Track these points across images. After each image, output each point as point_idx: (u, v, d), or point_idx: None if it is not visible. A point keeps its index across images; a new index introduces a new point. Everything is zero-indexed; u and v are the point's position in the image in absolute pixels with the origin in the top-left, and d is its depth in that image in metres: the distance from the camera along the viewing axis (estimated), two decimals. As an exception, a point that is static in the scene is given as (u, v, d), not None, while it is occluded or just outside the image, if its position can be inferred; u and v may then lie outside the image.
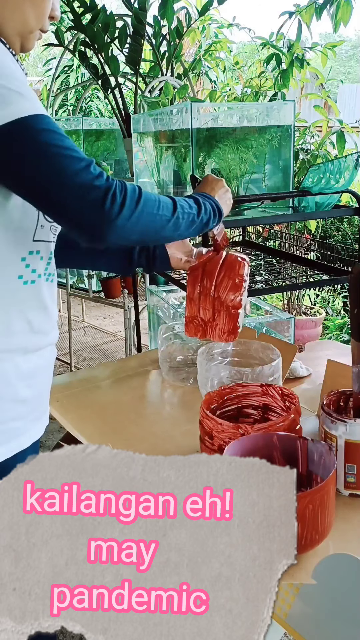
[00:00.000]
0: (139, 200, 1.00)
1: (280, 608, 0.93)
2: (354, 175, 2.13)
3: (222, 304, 1.29)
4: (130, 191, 0.99)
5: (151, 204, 1.04)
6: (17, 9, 1.06)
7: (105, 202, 0.95)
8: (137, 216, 1.00)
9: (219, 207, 1.24)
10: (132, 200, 0.99)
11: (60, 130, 0.98)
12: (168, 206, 1.09)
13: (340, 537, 1.05)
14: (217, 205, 1.23)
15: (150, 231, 1.07)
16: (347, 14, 3.15)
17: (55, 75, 5.24)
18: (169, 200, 1.10)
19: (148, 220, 1.03)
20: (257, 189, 2.42)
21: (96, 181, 0.95)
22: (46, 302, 1.13)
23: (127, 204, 0.97)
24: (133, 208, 0.99)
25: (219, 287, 1.29)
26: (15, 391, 1.09)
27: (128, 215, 0.98)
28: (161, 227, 1.08)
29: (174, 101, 3.57)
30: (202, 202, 1.19)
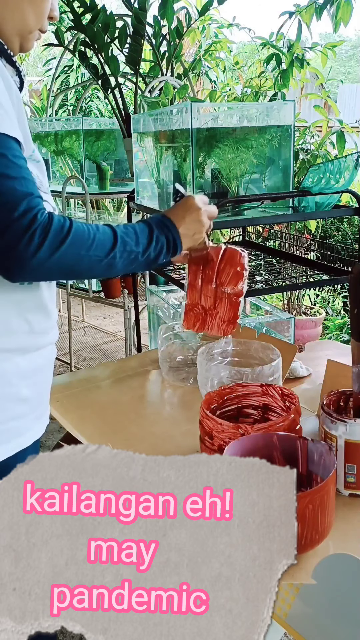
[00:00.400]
0: (64, 240, 0.96)
1: (280, 608, 0.93)
2: (354, 175, 2.13)
3: (223, 292, 1.27)
4: (55, 231, 0.95)
5: (79, 244, 0.98)
6: (16, 9, 1.06)
7: (20, 242, 0.92)
8: (57, 258, 0.95)
9: (176, 242, 1.13)
10: (53, 241, 0.94)
11: (15, 157, 0.95)
12: (104, 245, 1.02)
13: (340, 537, 1.05)
14: (175, 240, 1.13)
15: (73, 272, 1.02)
16: (347, 14, 3.15)
17: (55, 75, 5.24)
18: (108, 237, 1.03)
19: (71, 261, 0.98)
20: (257, 189, 2.42)
21: (20, 218, 0.92)
22: (45, 302, 1.13)
23: (46, 246, 0.94)
24: (53, 250, 0.95)
25: (221, 274, 1.25)
26: (15, 390, 1.10)
27: (46, 256, 0.94)
28: (89, 268, 1.02)
29: (174, 101, 3.57)
30: (156, 236, 1.10)
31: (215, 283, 1.27)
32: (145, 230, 1.10)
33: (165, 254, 1.12)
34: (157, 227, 1.11)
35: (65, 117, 6.14)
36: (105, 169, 4.09)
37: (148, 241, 1.09)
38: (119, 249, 1.04)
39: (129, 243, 1.06)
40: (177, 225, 1.13)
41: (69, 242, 0.97)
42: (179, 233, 1.13)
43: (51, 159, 4.50)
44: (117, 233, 1.05)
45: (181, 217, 1.15)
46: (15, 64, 1.10)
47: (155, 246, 1.10)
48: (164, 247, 1.11)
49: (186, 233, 1.15)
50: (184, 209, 1.16)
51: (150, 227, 1.11)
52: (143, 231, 1.09)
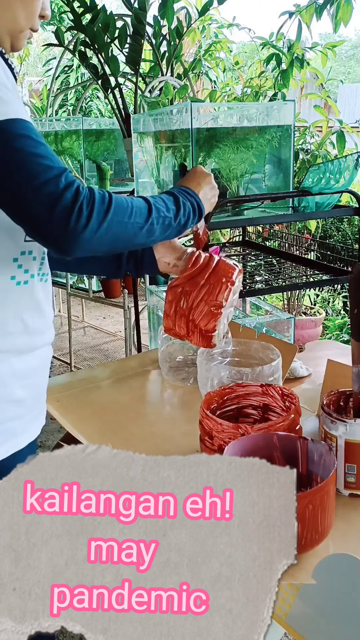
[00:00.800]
0: (108, 210, 0.98)
1: (280, 608, 0.93)
2: (354, 175, 2.13)
3: (195, 326, 1.27)
4: (99, 201, 0.97)
5: (122, 212, 1.01)
6: (7, 8, 1.06)
7: (71, 215, 0.93)
8: (106, 228, 0.98)
9: (199, 206, 1.19)
10: (100, 211, 0.96)
11: (38, 136, 0.96)
12: (142, 212, 1.05)
13: (340, 537, 1.05)
14: (199, 204, 1.19)
15: (120, 240, 1.04)
16: (347, 14, 3.16)
17: (55, 75, 5.24)
18: (143, 205, 1.07)
19: (118, 230, 1.01)
20: (257, 189, 2.42)
21: (65, 192, 0.93)
22: (40, 302, 1.12)
23: (95, 216, 0.95)
24: (101, 220, 0.96)
25: (194, 311, 1.26)
26: (11, 392, 1.09)
27: (95, 227, 0.96)
28: (133, 235, 1.05)
29: (174, 101, 3.57)
30: (182, 202, 1.15)
31: (188, 317, 1.27)
32: (171, 198, 1.14)
33: (193, 219, 1.18)
34: (180, 194, 1.16)
35: (65, 117, 6.14)
36: (105, 169, 4.09)
37: (177, 207, 1.14)
38: (154, 215, 1.07)
39: (162, 210, 1.10)
40: (196, 191, 1.20)
41: (113, 211, 0.99)
42: (199, 198, 1.19)
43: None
44: (149, 202, 1.09)
45: (197, 184, 1.21)
46: (7, 61, 1.10)
47: (184, 211, 1.15)
48: (191, 211, 1.17)
49: (205, 197, 1.21)
50: (197, 177, 1.23)
51: (174, 195, 1.16)
52: (169, 199, 1.14)
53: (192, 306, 1.26)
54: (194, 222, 1.19)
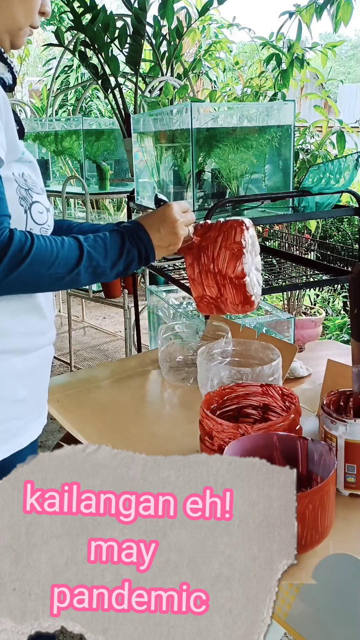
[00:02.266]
0: (23, 261, 0.96)
1: (280, 608, 0.93)
2: (354, 175, 2.13)
3: (224, 277, 1.20)
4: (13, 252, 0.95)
5: (40, 264, 0.98)
6: (5, 7, 1.05)
7: None
8: (15, 277, 0.96)
9: (147, 253, 1.12)
10: (11, 262, 0.95)
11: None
12: (67, 262, 1.02)
13: (340, 537, 1.05)
14: (147, 252, 1.11)
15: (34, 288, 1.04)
16: (347, 14, 3.16)
17: (55, 75, 5.24)
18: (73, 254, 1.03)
19: (32, 279, 0.99)
20: (257, 189, 2.42)
21: None
22: (41, 303, 1.12)
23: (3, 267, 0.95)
24: (11, 270, 0.96)
25: (217, 261, 1.19)
26: (12, 391, 1.09)
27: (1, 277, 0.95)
28: (49, 284, 1.02)
29: (174, 101, 3.57)
30: (127, 250, 1.09)
31: (213, 270, 1.20)
32: (116, 243, 1.08)
33: (137, 265, 1.12)
34: (129, 238, 1.10)
35: (65, 117, 6.14)
36: (105, 169, 4.09)
37: (118, 255, 1.08)
38: (83, 265, 1.03)
39: (96, 258, 1.05)
40: (152, 235, 1.12)
41: (29, 261, 0.97)
42: (152, 244, 1.12)
43: (51, 159, 4.51)
44: (83, 249, 1.04)
45: (156, 228, 1.13)
46: (6, 60, 1.10)
47: (125, 259, 1.09)
48: (135, 259, 1.10)
49: (160, 245, 1.13)
50: (160, 219, 1.14)
51: (122, 239, 1.09)
52: (114, 244, 1.08)
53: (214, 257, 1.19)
54: (136, 269, 1.14)
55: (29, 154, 1.13)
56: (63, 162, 4.50)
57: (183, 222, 1.15)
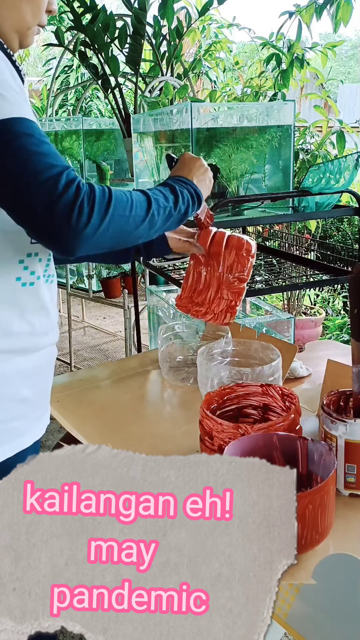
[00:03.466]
0: (109, 205, 0.97)
1: (280, 608, 0.93)
2: (354, 175, 2.13)
3: (227, 279, 1.30)
4: (99, 197, 0.96)
5: (122, 207, 1.00)
6: (13, 6, 1.05)
7: (72, 213, 0.92)
8: (107, 223, 0.97)
9: (197, 192, 1.18)
10: (101, 207, 0.95)
11: (41, 135, 0.96)
12: (142, 204, 1.05)
13: (340, 537, 1.05)
14: (196, 190, 1.18)
15: (123, 235, 1.03)
16: (347, 14, 3.16)
17: (55, 75, 5.24)
18: (142, 197, 1.06)
19: (119, 224, 1.00)
20: (257, 189, 2.42)
21: (65, 190, 0.92)
22: (46, 303, 1.13)
23: (96, 213, 0.94)
24: (103, 215, 0.96)
25: (225, 263, 1.30)
26: (16, 391, 1.10)
27: (97, 224, 0.95)
28: (135, 228, 1.04)
29: (174, 101, 3.57)
30: (179, 191, 1.14)
31: (221, 268, 1.28)
32: (167, 188, 1.14)
33: (192, 206, 1.17)
34: (176, 184, 1.16)
35: (65, 117, 6.14)
36: (105, 169, 4.09)
37: (175, 196, 1.12)
38: (154, 207, 1.07)
39: (161, 200, 1.09)
40: (190, 177, 1.19)
41: (114, 206, 0.98)
42: (195, 183, 1.18)
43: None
44: (148, 193, 1.08)
45: (188, 170, 1.20)
46: (15, 63, 1.10)
47: (182, 199, 1.14)
48: (189, 198, 1.15)
49: (199, 182, 1.20)
50: (186, 163, 1.22)
51: (170, 185, 1.15)
52: (166, 189, 1.13)
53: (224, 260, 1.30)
54: (194, 209, 1.18)
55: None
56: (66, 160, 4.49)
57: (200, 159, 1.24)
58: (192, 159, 1.22)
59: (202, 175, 1.22)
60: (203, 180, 1.21)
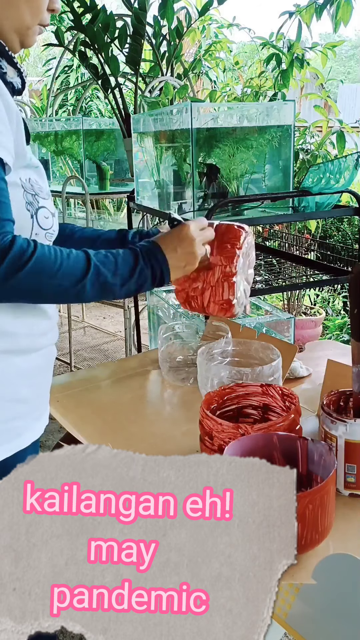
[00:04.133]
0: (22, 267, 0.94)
1: (280, 608, 0.93)
2: (354, 175, 2.13)
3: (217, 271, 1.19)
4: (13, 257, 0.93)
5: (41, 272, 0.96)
6: (10, 6, 1.05)
7: None
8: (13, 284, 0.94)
9: (162, 274, 1.08)
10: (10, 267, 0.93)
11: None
12: (72, 274, 0.99)
13: (340, 537, 1.05)
14: (162, 271, 1.08)
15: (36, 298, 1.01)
16: (347, 14, 3.16)
17: (55, 75, 5.24)
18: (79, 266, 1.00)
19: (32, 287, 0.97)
20: (257, 189, 2.42)
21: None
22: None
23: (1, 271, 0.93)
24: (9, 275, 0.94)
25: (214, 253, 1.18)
26: (15, 390, 1.10)
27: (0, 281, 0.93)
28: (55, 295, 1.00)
29: (174, 101, 3.57)
30: (140, 269, 1.05)
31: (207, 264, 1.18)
32: (129, 261, 1.05)
33: (151, 285, 1.09)
34: (144, 257, 1.07)
35: (65, 117, 6.14)
36: (105, 169, 4.09)
37: (130, 274, 1.05)
38: (89, 280, 1.00)
39: (104, 274, 1.02)
40: (168, 255, 1.09)
41: (29, 269, 0.95)
42: (168, 265, 1.09)
43: (51, 159, 4.51)
44: (91, 262, 1.01)
45: (172, 248, 1.10)
46: (16, 64, 1.09)
47: (137, 279, 1.06)
48: (148, 279, 1.08)
49: (177, 265, 1.11)
50: (178, 239, 1.11)
51: (136, 258, 1.06)
52: (126, 262, 1.05)
53: (212, 250, 1.18)
54: (151, 288, 1.11)
55: (36, 159, 1.13)
56: (63, 162, 4.50)
57: (201, 240, 1.13)
58: (186, 238, 1.11)
59: (183, 260, 1.11)
60: (181, 265, 1.12)
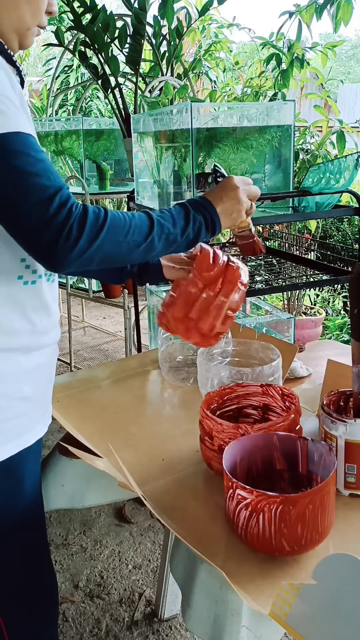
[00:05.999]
0: (101, 230, 0.98)
1: (280, 608, 0.93)
2: (354, 175, 2.13)
3: (220, 307, 1.27)
4: (91, 222, 0.97)
5: (117, 232, 1.01)
6: (12, 7, 1.06)
7: (60, 236, 0.94)
8: (96, 248, 0.98)
9: (214, 221, 1.14)
10: (91, 231, 0.97)
11: (37, 152, 0.96)
12: (141, 229, 1.04)
13: (340, 537, 1.05)
14: (213, 219, 1.14)
15: (114, 258, 1.04)
16: (347, 14, 3.16)
17: (55, 75, 5.24)
18: (145, 222, 1.05)
19: (110, 249, 1.01)
20: (257, 189, 2.42)
21: (56, 214, 0.94)
22: (47, 301, 1.14)
23: (84, 237, 0.96)
24: (91, 240, 0.97)
25: (222, 291, 1.25)
26: (18, 389, 1.11)
27: (85, 248, 0.96)
28: (128, 253, 1.04)
29: (174, 101, 3.57)
30: (192, 217, 1.11)
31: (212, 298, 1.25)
32: (181, 211, 1.11)
33: (205, 233, 1.14)
34: (193, 207, 1.13)
35: (65, 117, 6.14)
36: (105, 169, 4.09)
37: (185, 222, 1.10)
38: (156, 233, 1.06)
39: (166, 226, 1.08)
40: (215, 204, 1.15)
41: (106, 230, 0.99)
42: (217, 212, 1.14)
43: (51, 159, 4.51)
44: (153, 217, 1.07)
45: (219, 197, 1.16)
46: (15, 63, 1.10)
47: (193, 226, 1.11)
48: (202, 226, 1.13)
49: (224, 212, 1.16)
50: (222, 188, 1.17)
51: (186, 208, 1.12)
52: (180, 213, 1.11)
53: (219, 288, 1.25)
54: (206, 237, 1.15)
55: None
56: (63, 162, 4.50)
57: (245, 189, 1.19)
58: (230, 187, 1.17)
59: (230, 207, 1.17)
60: (228, 213, 1.17)
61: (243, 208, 1.19)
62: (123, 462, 1.15)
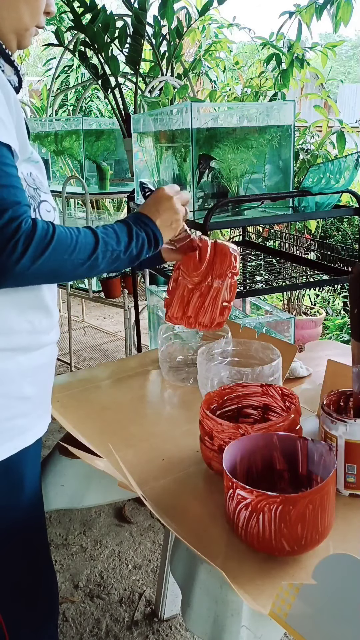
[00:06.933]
0: (47, 246, 0.98)
1: (280, 608, 0.93)
2: (354, 175, 2.13)
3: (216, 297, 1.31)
4: (38, 239, 0.97)
5: (62, 250, 1.01)
6: (11, 7, 1.07)
7: (4, 250, 0.95)
8: (40, 264, 0.98)
9: (155, 235, 1.16)
10: (36, 248, 0.97)
11: (4, 164, 0.96)
12: (86, 248, 1.05)
13: (340, 537, 1.05)
14: (155, 234, 1.15)
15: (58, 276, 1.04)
16: (347, 14, 3.16)
17: (55, 75, 5.24)
18: (89, 240, 1.06)
19: (54, 266, 1.01)
20: (257, 189, 2.42)
21: (5, 227, 0.94)
22: (47, 301, 1.14)
23: (29, 253, 0.96)
24: (36, 257, 0.97)
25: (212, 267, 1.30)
26: (18, 388, 1.11)
27: (28, 264, 0.97)
28: (72, 270, 1.04)
29: (174, 101, 3.57)
30: (136, 233, 1.12)
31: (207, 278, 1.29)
32: (124, 228, 1.12)
33: (148, 249, 1.15)
34: (135, 224, 1.14)
35: (65, 117, 6.14)
36: (105, 169, 4.09)
37: (129, 239, 1.11)
38: (100, 250, 1.06)
39: (110, 243, 1.08)
40: (153, 218, 1.16)
41: (52, 248, 0.99)
42: (157, 226, 1.16)
43: (51, 159, 4.51)
44: (98, 235, 1.07)
45: (155, 210, 1.17)
46: (13, 63, 1.10)
47: (136, 242, 1.12)
48: (145, 242, 1.14)
49: (163, 224, 1.17)
50: (156, 201, 1.18)
51: (128, 225, 1.13)
52: (122, 230, 1.12)
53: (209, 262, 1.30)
54: (149, 252, 1.16)
55: (37, 154, 1.14)
56: (63, 162, 4.50)
57: (178, 198, 1.20)
58: (164, 199, 1.18)
59: (168, 219, 1.18)
60: (167, 224, 1.18)
61: (180, 216, 1.20)
62: (123, 462, 1.15)
